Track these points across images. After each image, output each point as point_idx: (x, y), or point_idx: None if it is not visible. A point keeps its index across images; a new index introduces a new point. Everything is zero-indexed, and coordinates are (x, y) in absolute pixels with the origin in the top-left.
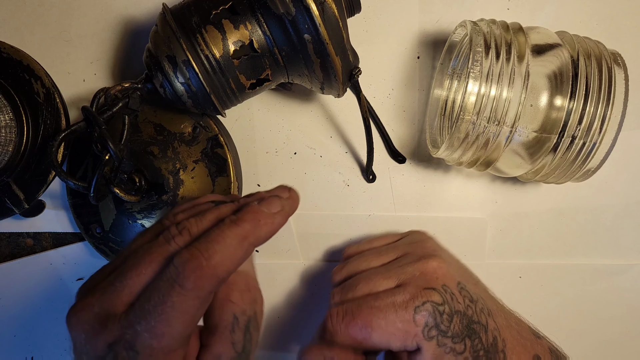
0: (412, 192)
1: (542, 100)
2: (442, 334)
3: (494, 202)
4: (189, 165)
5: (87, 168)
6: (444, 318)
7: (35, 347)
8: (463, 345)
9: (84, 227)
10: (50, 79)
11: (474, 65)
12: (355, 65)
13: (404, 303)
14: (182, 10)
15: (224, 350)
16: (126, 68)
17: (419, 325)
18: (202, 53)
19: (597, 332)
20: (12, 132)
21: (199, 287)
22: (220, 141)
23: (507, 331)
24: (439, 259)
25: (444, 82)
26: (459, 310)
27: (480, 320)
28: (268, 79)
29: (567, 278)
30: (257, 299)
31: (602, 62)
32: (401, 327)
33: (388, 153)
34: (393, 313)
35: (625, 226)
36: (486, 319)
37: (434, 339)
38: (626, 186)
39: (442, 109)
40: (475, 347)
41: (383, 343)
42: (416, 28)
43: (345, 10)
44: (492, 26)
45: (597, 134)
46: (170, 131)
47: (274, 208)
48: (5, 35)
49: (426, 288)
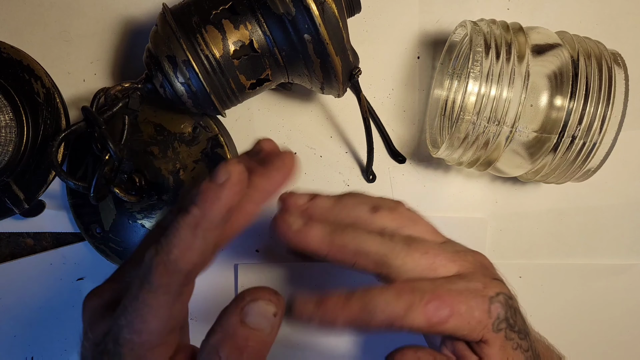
0: (412, 192)
1: (542, 100)
2: (510, 328)
3: (494, 202)
4: (189, 166)
5: (87, 168)
6: (513, 312)
7: (35, 347)
8: (527, 342)
9: (84, 227)
10: (50, 79)
11: (474, 65)
12: (355, 65)
13: (479, 291)
14: (182, 10)
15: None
16: (126, 68)
17: (492, 317)
18: (202, 53)
19: (597, 332)
20: (12, 132)
21: (165, 284)
22: (220, 141)
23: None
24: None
25: (444, 82)
26: (519, 308)
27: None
28: (268, 79)
29: (567, 278)
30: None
31: (602, 62)
32: (477, 317)
33: (388, 153)
34: (473, 300)
35: (625, 226)
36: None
37: (502, 332)
38: (626, 186)
39: (442, 109)
40: (532, 347)
41: (451, 329)
42: (416, 28)
43: (345, 10)
44: (492, 26)
45: (597, 134)
46: (170, 131)
47: (220, 178)
48: (5, 35)
49: (495, 279)
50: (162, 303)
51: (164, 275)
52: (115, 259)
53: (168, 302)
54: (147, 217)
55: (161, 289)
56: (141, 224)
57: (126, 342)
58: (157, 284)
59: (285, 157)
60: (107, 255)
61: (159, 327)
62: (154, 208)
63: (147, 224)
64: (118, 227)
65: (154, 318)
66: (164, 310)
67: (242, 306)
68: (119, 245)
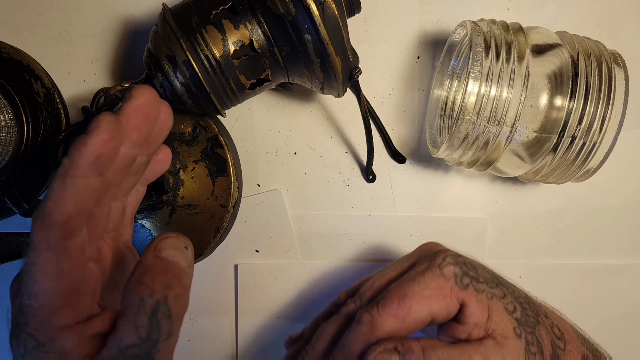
0: (412, 192)
1: (542, 100)
2: (474, 280)
3: (494, 202)
4: (189, 165)
5: None
6: (468, 266)
7: None
8: (501, 290)
9: None
10: (50, 79)
11: (474, 65)
12: (355, 65)
13: (427, 269)
14: (182, 10)
15: (126, 334)
16: (126, 68)
17: (450, 277)
18: (202, 53)
19: (597, 332)
20: (12, 132)
21: (44, 239)
22: (220, 141)
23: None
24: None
25: (444, 82)
26: (477, 264)
27: (504, 278)
28: (268, 79)
29: (567, 278)
30: (172, 284)
31: (602, 62)
32: (435, 285)
33: (388, 153)
34: (421, 276)
35: (625, 226)
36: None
37: (469, 287)
38: (626, 186)
39: (442, 109)
40: (514, 294)
41: (425, 312)
42: (416, 28)
43: (345, 10)
44: (492, 26)
45: (597, 134)
46: (170, 131)
47: (89, 130)
48: (5, 35)
49: (439, 251)
50: (47, 260)
51: (41, 230)
52: None
53: (52, 258)
54: (147, 217)
55: (41, 244)
56: (141, 224)
57: (28, 310)
58: (37, 240)
59: (137, 90)
60: None
61: (51, 287)
62: (154, 208)
63: (147, 224)
64: None
65: (43, 277)
66: (51, 267)
67: (155, 245)
68: None
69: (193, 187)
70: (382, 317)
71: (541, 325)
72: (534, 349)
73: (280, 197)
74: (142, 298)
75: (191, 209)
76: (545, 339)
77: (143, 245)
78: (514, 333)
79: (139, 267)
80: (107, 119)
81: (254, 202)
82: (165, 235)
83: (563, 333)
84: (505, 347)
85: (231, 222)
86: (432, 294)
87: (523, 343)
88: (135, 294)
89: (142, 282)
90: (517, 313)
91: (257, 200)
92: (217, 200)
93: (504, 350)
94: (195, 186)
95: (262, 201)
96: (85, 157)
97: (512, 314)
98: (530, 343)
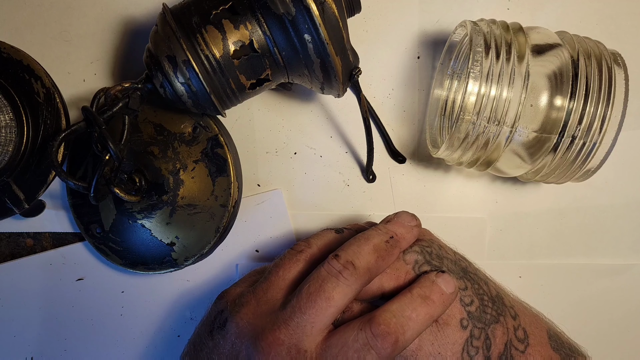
0: (412, 192)
1: (542, 100)
2: (436, 268)
3: (494, 202)
4: (189, 165)
5: (87, 168)
6: (432, 256)
7: (35, 347)
8: (463, 283)
9: (84, 227)
10: (50, 79)
11: (474, 65)
12: (355, 65)
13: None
14: (182, 10)
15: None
16: (126, 68)
17: (410, 263)
18: (202, 53)
19: (597, 332)
20: (12, 132)
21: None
22: (220, 141)
23: (511, 299)
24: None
25: (444, 82)
26: (449, 257)
27: (477, 274)
28: (268, 79)
29: (567, 278)
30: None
31: (602, 62)
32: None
33: (388, 153)
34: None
35: (625, 226)
36: (485, 278)
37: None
38: (626, 186)
39: (442, 109)
40: (477, 290)
41: (375, 285)
42: (416, 28)
43: (345, 10)
44: (492, 26)
45: (597, 134)
46: (170, 131)
47: (412, 221)
48: (5, 35)
49: (418, 239)
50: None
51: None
52: (115, 259)
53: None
54: (147, 217)
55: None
56: (141, 224)
57: None
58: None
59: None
60: (107, 255)
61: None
62: (154, 208)
63: (147, 224)
64: (118, 227)
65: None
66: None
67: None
68: (119, 245)
69: (193, 187)
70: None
71: (500, 324)
72: (477, 344)
73: (280, 197)
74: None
75: (191, 209)
76: (498, 338)
77: (143, 245)
78: (459, 323)
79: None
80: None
81: (254, 202)
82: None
83: (529, 336)
84: (442, 332)
85: (231, 222)
86: (387, 272)
87: (466, 335)
88: None
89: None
90: (472, 307)
91: (257, 200)
92: (217, 200)
93: (439, 334)
94: (195, 186)
95: (262, 201)
96: (414, 238)
97: (466, 306)
98: (476, 337)
